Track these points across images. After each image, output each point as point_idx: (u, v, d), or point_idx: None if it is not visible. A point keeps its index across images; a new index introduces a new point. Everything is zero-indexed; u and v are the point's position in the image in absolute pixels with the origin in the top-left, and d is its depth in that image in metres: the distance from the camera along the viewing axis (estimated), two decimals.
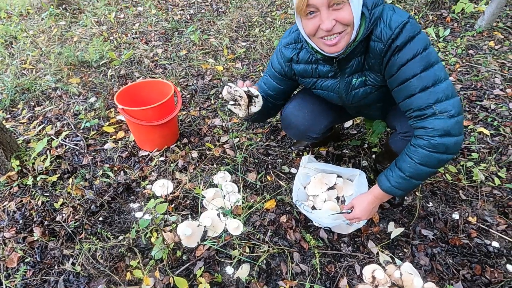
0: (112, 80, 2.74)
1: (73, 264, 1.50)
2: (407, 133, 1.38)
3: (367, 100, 1.37)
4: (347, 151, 2.02)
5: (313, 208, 1.63)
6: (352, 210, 1.39)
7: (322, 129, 1.59)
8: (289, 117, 1.56)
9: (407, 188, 1.25)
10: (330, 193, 1.62)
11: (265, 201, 1.72)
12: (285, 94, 1.55)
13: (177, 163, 1.99)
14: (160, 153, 2.07)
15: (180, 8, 3.93)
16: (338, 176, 1.65)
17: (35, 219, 1.70)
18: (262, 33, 3.32)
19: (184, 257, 1.51)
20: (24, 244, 1.59)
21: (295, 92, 1.65)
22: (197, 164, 1.98)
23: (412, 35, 1.08)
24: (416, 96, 1.13)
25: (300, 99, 1.57)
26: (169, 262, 1.48)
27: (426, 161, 1.16)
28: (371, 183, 1.81)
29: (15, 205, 1.79)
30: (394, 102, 1.28)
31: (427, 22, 3.30)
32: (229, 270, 1.46)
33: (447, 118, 1.10)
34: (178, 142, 2.14)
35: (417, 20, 3.32)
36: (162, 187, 1.81)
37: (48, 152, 2.07)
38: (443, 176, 1.82)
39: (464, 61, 2.75)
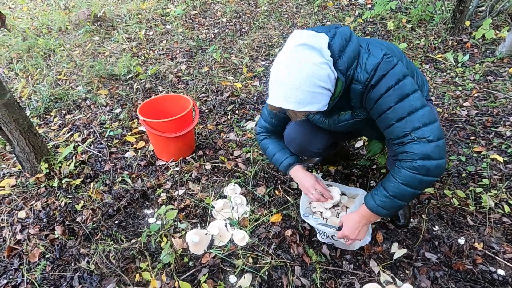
0: (137, 93, 2.92)
1: (88, 262, 1.61)
2: (395, 156, 1.42)
3: (357, 127, 1.44)
4: (355, 171, 2.06)
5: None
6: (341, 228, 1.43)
7: (322, 145, 1.66)
8: (290, 133, 1.65)
9: (391, 208, 1.29)
10: (334, 211, 1.66)
11: (271, 215, 1.79)
12: (287, 122, 1.65)
13: (191, 174, 2.09)
14: (176, 163, 2.18)
15: (206, 27, 4.14)
16: (343, 194, 1.69)
17: (57, 218, 1.84)
18: None
19: (190, 263, 1.59)
20: (46, 241, 1.72)
21: None
22: (209, 176, 2.08)
23: (384, 73, 1.15)
24: (394, 126, 1.19)
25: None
26: (176, 267, 1.56)
27: (408, 181, 1.21)
28: None
29: (41, 204, 1.94)
30: None
31: (446, 47, 3.31)
32: (232, 279, 1.53)
33: (426, 143, 1.15)
34: (194, 154, 2.25)
35: (436, 44, 3.34)
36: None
37: (74, 157, 2.23)
38: (451, 200, 1.82)
39: (481, 87, 2.74)
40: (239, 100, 2.79)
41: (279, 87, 1.10)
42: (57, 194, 1.98)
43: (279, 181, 2.01)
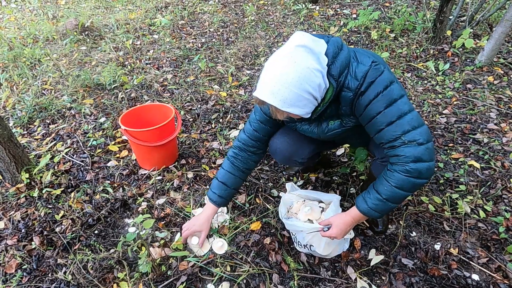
0: (122, 102, 2.92)
1: (65, 273, 1.59)
2: (384, 158, 1.45)
3: (345, 135, 1.46)
4: (336, 178, 2.09)
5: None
6: (329, 228, 1.44)
7: (307, 155, 1.67)
8: (275, 143, 1.66)
9: (383, 210, 1.31)
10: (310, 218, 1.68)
11: (251, 223, 1.80)
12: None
13: (173, 182, 2.10)
14: (158, 172, 2.18)
15: (193, 37, 4.18)
16: (320, 202, 1.71)
17: (36, 229, 1.83)
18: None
19: (169, 272, 1.59)
20: (23, 252, 1.70)
21: None
22: (191, 184, 2.09)
23: (373, 79, 1.18)
24: (384, 130, 1.22)
25: (285, 128, 1.67)
26: (154, 276, 1.56)
27: (401, 184, 1.23)
28: None
29: (20, 215, 1.92)
30: None
31: (428, 56, 3.39)
32: (210, 287, 1.53)
33: (416, 145, 1.18)
34: (176, 163, 2.26)
35: (418, 53, 3.42)
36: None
37: (55, 167, 2.22)
38: (428, 206, 1.85)
39: (461, 94, 2.80)
40: (223, 108, 2.81)
41: (269, 81, 1.10)
42: (37, 204, 1.97)
43: (260, 189, 2.02)
